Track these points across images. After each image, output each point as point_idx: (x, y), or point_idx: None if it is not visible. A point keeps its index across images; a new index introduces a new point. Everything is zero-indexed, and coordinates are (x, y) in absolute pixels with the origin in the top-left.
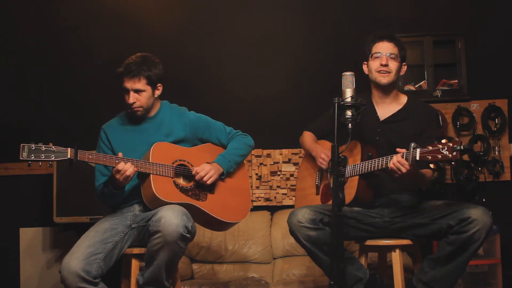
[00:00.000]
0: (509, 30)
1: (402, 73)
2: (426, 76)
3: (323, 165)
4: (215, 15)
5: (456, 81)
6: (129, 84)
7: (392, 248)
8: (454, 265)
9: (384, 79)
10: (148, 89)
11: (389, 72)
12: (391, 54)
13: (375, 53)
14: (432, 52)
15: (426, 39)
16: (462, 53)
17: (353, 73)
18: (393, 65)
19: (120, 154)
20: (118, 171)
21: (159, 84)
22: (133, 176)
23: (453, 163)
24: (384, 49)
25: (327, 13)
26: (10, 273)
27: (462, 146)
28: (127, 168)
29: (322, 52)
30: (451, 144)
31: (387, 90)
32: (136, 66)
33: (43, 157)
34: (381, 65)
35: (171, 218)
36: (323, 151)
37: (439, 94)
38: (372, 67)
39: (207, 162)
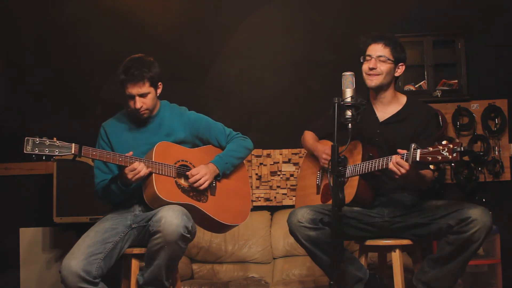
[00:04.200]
0: (509, 30)
1: (398, 74)
2: (426, 76)
3: (326, 164)
4: (215, 15)
5: (456, 81)
6: (134, 90)
7: (392, 248)
8: (454, 265)
9: (371, 82)
10: (152, 90)
11: (377, 75)
12: (380, 56)
13: (367, 55)
14: (432, 52)
15: (426, 39)
16: (462, 53)
17: (353, 73)
18: (382, 67)
19: (130, 153)
20: (133, 169)
21: (159, 83)
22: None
23: (453, 164)
24: (374, 51)
25: (327, 13)
26: (10, 273)
27: (462, 148)
28: (141, 169)
29: (322, 52)
30: (451, 146)
31: (378, 92)
32: (138, 71)
33: (47, 151)
34: (369, 68)
35: (171, 218)
36: (326, 150)
37: (439, 94)
38: (363, 69)
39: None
